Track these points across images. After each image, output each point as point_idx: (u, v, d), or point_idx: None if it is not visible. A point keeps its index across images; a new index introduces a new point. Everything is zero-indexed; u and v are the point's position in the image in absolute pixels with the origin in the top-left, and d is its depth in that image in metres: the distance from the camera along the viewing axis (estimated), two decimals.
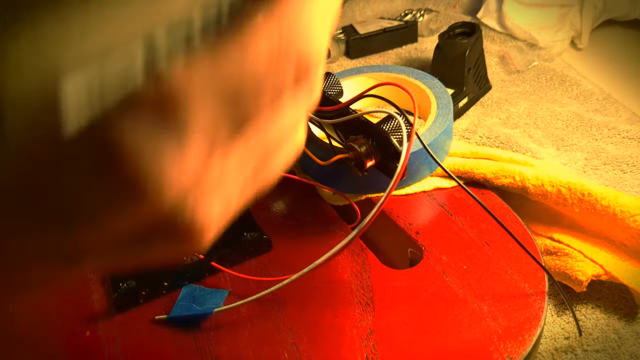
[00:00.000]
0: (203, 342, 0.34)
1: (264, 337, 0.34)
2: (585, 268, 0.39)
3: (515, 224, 0.40)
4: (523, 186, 0.43)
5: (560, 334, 0.41)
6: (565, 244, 0.41)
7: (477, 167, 0.44)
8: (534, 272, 0.36)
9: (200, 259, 0.38)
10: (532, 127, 0.61)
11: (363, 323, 0.34)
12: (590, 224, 0.42)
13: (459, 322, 0.34)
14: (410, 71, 0.52)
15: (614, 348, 0.39)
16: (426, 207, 0.43)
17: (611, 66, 0.74)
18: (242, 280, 0.38)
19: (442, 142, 0.44)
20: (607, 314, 0.42)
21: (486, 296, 0.35)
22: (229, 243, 0.40)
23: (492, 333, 0.33)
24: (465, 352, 0.32)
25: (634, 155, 0.55)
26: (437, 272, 0.37)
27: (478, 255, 0.38)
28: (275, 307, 0.36)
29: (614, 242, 0.41)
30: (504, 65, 0.73)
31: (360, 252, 0.39)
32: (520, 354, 0.32)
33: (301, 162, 0.48)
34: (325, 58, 0.16)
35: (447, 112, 0.45)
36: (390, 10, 0.86)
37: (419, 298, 0.35)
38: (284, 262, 0.39)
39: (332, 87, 0.44)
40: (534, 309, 0.34)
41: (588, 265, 0.39)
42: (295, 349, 0.33)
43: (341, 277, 0.38)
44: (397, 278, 0.37)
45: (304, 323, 0.35)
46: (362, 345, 0.33)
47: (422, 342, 0.33)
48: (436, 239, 0.40)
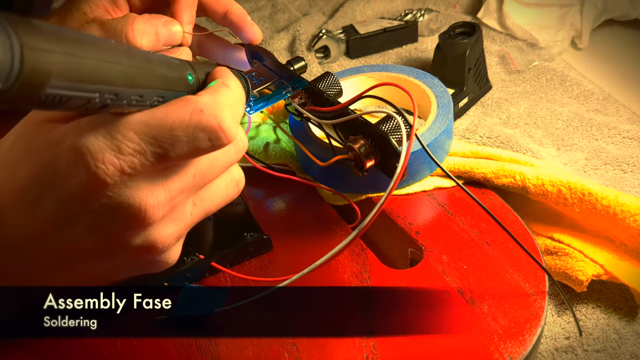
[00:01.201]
0: (203, 342, 0.35)
1: (263, 336, 0.35)
2: (586, 268, 0.39)
3: (516, 224, 0.41)
4: (523, 186, 0.43)
5: (560, 334, 0.41)
6: (565, 244, 0.42)
7: (477, 167, 0.45)
8: (534, 272, 0.37)
9: (201, 259, 0.39)
10: (533, 127, 0.62)
11: (363, 323, 0.35)
12: (591, 223, 0.42)
13: (459, 321, 0.34)
14: (410, 70, 0.52)
15: (614, 348, 0.40)
16: (426, 207, 0.43)
17: (611, 66, 0.74)
18: (242, 281, 0.38)
19: (443, 142, 0.44)
20: (608, 314, 0.42)
21: (486, 296, 0.35)
22: (229, 243, 0.40)
23: (492, 333, 0.33)
24: (466, 351, 0.32)
25: (635, 155, 0.55)
26: (437, 272, 0.37)
27: (478, 255, 0.38)
28: (275, 307, 0.36)
29: (614, 242, 0.41)
30: (504, 65, 0.73)
31: (361, 252, 0.40)
32: (521, 354, 0.32)
33: (301, 163, 0.48)
34: (233, 132, 0.26)
35: (447, 111, 0.46)
36: (391, 10, 0.86)
37: (419, 298, 0.36)
38: (284, 262, 0.40)
39: (331, 87, 0.45)
40: (534, 309, 0.34)
41: (588, 265, 0.39)
42: (295, 348, 0.34)
43: (341, 276, 0.38)
44: (397, 278, 0.38)
45: (304, 321, 0.35)
46: (362, 345, 0.33)
47: (422, 342, 0.33)
48: (436, 238, 0.40)
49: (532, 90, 0.69)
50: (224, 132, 0.25)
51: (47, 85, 0.19)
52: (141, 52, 0.24)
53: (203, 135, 0.24)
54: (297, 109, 0.42)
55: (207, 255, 0.39)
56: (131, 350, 0.35)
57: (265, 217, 0.43)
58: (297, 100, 0.42)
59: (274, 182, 0.44)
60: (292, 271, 0.36)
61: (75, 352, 0.35)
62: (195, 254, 0.39)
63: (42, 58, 0.18)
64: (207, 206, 0.31)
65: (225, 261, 0.39)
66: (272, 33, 0.83)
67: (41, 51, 0.18)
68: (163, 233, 0.28)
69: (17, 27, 0.17)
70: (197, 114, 0.24)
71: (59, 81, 0.19)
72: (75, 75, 0.20)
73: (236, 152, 0.29)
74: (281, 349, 0.34)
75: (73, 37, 0.20)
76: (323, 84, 0.44)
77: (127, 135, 0.23)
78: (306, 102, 0.43)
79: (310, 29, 0.82)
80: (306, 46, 0.78)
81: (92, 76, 0.21)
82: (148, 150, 0.24)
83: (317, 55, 0.77)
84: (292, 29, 0.82)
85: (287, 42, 0.81)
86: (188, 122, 0.24)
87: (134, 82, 0.23)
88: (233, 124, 0.25)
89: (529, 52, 0.74)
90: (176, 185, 0.26)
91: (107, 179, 0.24)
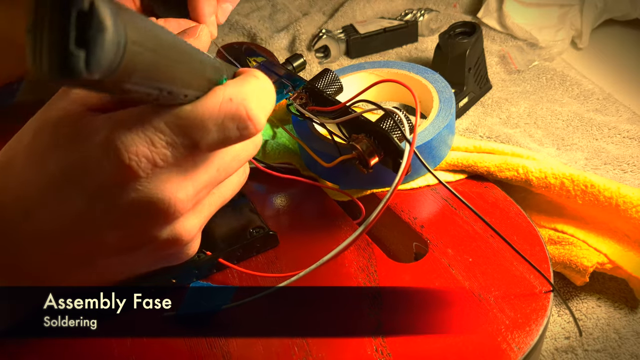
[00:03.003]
0: (213, 338, 0.35)
1: (273, 331, 0.35)
2: (590, 256, 0.40)
3: (519, 216, 0.42)
4: (527, 179, 0.44)
5: (560, 334, 0.42)
6: (569, 234, 0.43)
7: (480, 161, 0.46)
8: (539, 264, 0.38)
9: (208, 255, 0.40)
10: (533, 127, 0.63)
11: (371, 316, 0.35)
12: (594, 215, 0.43)
13: (466, 313, 0.35)
14: (411, 66, 0.53)
15: (614, 348, 0.40)
16: (430, 201, 0.44)
17: (611, 66, 0.75)
18: (249, 276, 0.39)
19: (445, 137, 0.45)
20: (608, 313, 0.43)
21: (492, 288, 0.36)
22: (236, 239, 0.41)
23: (499, 324, 0.34)
24: (474, 343, 0.33)
25: (635, 155, 0.56)
26: (443, 265, 0.38)
27: (483, 247, 0.39)
28: (283, 301, 0.37)
29: (617, 233, 0.42)
30: (505, 65, 0.74)
31: (366, 246, 0.41)
32: (528, 344, 0.33)
33: (305, 161, 0.49)
34: (262, 121, 0.26)
35: (450, 106, 0.47)
36: (391, 10, 0.87)
37: (426, 291, 0.37)
38: (290, 258, 0.41)
39: (330, 84, 0.45)
40: (540, 300, 0.36)
41: (592, 254, 0.41)
42: (305, 342, 0.34)
43: (348, 271, 0.39)
44: (403, 271, 0.39)
45: (313, 316, 0.36)
46: (371, 338, 0.34)
47: (429, 334, 0.34)
48: (441, 232, 0.41)
49: (532, 90, 0.70)
50: (252, 121, 0.25)
51: (128, 80, 0.19)
52: (199, 53, 0.25)
53: (232, 124, 0.25)
54: (298, 109, 0.43)
55: (214, 251, 0.40)
56: (142, 346, 0.35)
57: (270, 213, 0.44)
58: (298, 101, 0.43)
59: (279, 179, 0.45)
60: (298, 266, 0.37)
61: (85, 348, 0.36)
62: (203, 251, 0.40)
63: (136, 54, 0.18)
64: (224, 196, 0.31)
65: (232, 257, 0.40)
66: (272, 33, 0.84)
67: (137, 46, 0.18)
68: (187, 226, 0.28)
69: (124, 19, 0.17)
70: (226, 103, 0.25)
71: (137, 77, 0.19)
72: (152, 74, 0.20)
73: (254, 147, 0.30)
74: (291, 343, 0.34)
75: (157, 33, 0.20)
76: (323, 82, 0.45)
77: (159, 128, 0.24)
78: (307, 102, 0.44)
79: (310, 28, 0.83)
80: (306, 46, 0.79)
81: (164, 76, 0.21)
82: (179, 142, 0.24)
83: (317, 55, 0.78)
84: (292, 28, 0.83)
85: (287, 42, 0.82)
86: (218, 113, 0.25)
87: (190, 84, 0.23)
88: (261, 113, 0.26)
89: (529, 52, 0.75)
90: (202, 179, 0.27)
91: (140, 171, 0.24)
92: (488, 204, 0.44)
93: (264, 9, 0.93)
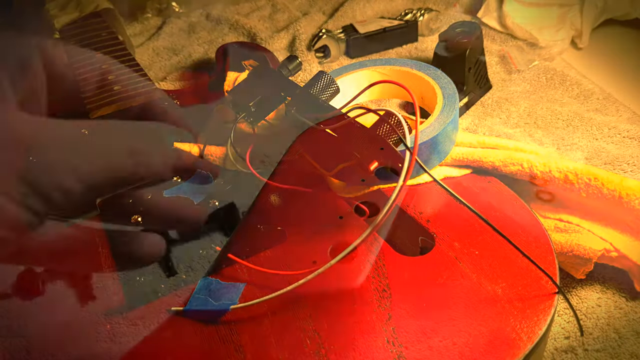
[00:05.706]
0: (225, 332, 0.36)
1: (284, 325, 0.37)
2: (597, 242, 0.42)
3: (522, 210, 0.44)
4: (531, 173, 0.46)
5: (560, 334, 0.43)
6: (575, 224, 0.45)
7: (485, 156, 0.48)
8: (544, 255, 0.39)
9: (217, 250, 0.41)
10: (533, 127, 0.64)
11: (381, 309, 0.37)
12: (598, 207, 0.45)
13: (474, 305, 0.37)
14: (413, 63, 0.55)
15: (614, 348, 0.41)
16: (435, 196, 0.46)
17: (611, 65, 0.76)
18: (258, 272, 0.40)
19: (450, 132, 0.47)
20: (608, 313, 0.44)
21: (500, 280, 0.38)
22: (244, 235, 0.42)
23: (507, 315, 0.36)
24: (484, 334, 0.35)
25: (635, 154, 0.57)
26: (450, 258, 0.40)
27: (489, 240, 0.41)
28: (293, 296, 0.38)
29: (621, 225, 0.44)
30: (505, 65, 0.75)
31: (374, 240, 0.42)
32: (537, 334, 0.35)
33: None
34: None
35: (453, 102, 0.48)
36: (391, 10, 0.89)
37: (434, 283, 0.38)
38: (298, 254, 0.42)
39: (326, 88, 0.46)
40: (546, 290, 0.37)
41: (599, 241, 0.42)
42: (317, 335, 0.36)
43: (356, 265, 0.40)
44: (411, 265, 0.40)
45: (323, 310, 0.37)
46: (382, 330, 0.36)
47: (439, 325, 0.36)
48: (447, 226, 0.43)
49: (532, 89, 0.71)
50: None
51: None
52: None
53: None
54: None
55: (223, 247, 0.41)
56: (154, 340, 0.37)
57: (278, 209, 0.45)
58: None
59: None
60: (306, 261, 0.38)
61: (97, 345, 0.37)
62: (212, 246, 0.41)
63: None
64: None
65: (241, 253, 0.41)
66: (272, 33, 0.85)
67: None
68: None
69: None
70: None
71: None
72: None
73: None
74: (303, 336, 0.36)
75: None
76: (318, 86, 0.46)
77: None
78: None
79: (310, 28, 0.85)
80: (306, 46, 0.80)
81: None
82: None
83: (317, 55, 0.79)
84: (292, 28, 0.84)
85: (287, 41, 0.83)
86: None
87: None
88: None
89: (529, 51, 0.76)
90: None
91: None
92: (492, 198, 0.46)
93: (264, 9, 0.94)
